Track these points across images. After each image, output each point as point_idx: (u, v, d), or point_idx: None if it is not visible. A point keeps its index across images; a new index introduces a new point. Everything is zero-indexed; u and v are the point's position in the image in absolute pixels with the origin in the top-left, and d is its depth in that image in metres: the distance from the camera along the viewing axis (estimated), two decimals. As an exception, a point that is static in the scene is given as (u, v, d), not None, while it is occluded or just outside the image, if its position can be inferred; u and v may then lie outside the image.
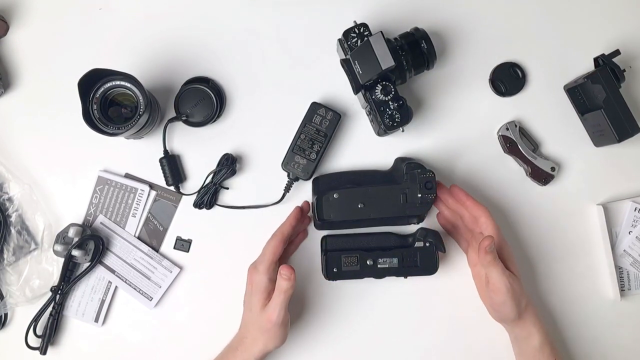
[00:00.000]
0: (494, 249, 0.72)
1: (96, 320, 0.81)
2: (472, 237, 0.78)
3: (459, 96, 0.83)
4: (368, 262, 0.77)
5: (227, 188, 0.82)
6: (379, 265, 0.77)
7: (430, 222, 0.82)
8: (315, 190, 0.80)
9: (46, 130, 0.82)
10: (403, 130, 0.76)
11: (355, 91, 0.75)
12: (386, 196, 0.75)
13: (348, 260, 0.78)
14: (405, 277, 0.78)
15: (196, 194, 0.81)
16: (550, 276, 0.82)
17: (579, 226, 0.83)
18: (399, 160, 0.80)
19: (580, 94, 0.81)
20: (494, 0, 0.84)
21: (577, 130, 0.83)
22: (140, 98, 0.74)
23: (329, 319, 0.82)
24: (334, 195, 0.76)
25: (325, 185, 0.80)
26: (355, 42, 0.75)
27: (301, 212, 0.80)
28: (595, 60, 0.80)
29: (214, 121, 0.81)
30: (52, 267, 0.81)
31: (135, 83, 0.74)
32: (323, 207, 0.76)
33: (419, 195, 0.74)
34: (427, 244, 0.78)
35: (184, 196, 0.82)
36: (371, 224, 0.80)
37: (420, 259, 0.78)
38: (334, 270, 0.78)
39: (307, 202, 0.82)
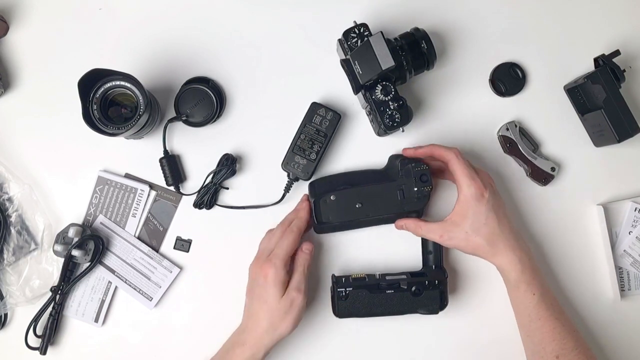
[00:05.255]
0: (405, 225, 0.77)
1: (96, 320, 0.81)
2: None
3: (459, 96, 0.83)
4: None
5: (227, 188, 0.82)
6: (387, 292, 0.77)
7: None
8: (312, 194, 0.80)
9: (46, 130, 0.82)
10: (403, 130, 0.76)
11: (355, 91, 0.75)
12: (383, 194, 0.76)
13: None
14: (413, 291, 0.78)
15: (196, 194, 0.81)
16: (550, 276, 0.82)
17: (579, 226, 0.83)
18: (393, 157, 0.80)
19: (580, 94, 0.81)
20: (494, 0, 0.84)
21: (577, 131, 0.83)
22: (140, 98, 0.74)
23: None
24: (331, 197, 0.76)
25: (321, 188, 0.79)
26: (355, 42, 0.75)
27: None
28: (595, 60, 0.80)
29: (214, 121, 0.81)
30: (52, 267, 0.81)
31: (135, 83, 0.74)
32: (321, 210, 0.76)
33: (415, 189, 0.74)
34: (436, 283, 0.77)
35: (184, 196, 0.82)
36: (370, 224, 0.80)
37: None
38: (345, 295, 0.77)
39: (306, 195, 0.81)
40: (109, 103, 0.76)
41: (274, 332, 0.73)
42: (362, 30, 0.75)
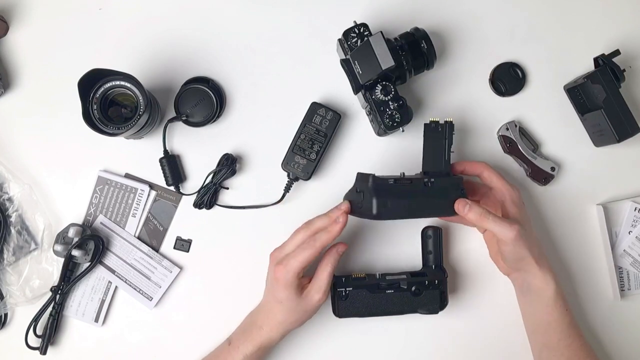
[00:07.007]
0: (470, 207, 0.70)
1: (96, 320, 0.81)
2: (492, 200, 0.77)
3: (459, 96, 0.83)
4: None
5: (227, 188, 0.82)
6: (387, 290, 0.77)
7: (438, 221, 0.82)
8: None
9: (46, 130, 0.82)
10: (403, 130, 0.76)
11: (355, 91, 0.75)
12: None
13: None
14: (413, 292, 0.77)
15: (196, 194, 0.81)
16: (550, 276, 0.82)
17: (579, 226, 0.83)
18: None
19: (580, 94, 0.81)
20: (494, 0, 0.84)
21: (577, 130, 0.83)
22: (140, 98, 0.74)
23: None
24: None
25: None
26: (355, 42, 0.75)
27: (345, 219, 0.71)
28: (595, 60, 0.80)
29: (214, 121, 0.81)
30: (52, 267, 0.81)
31: (135, 83, 0.74)
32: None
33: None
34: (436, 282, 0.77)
35: (184, 196, 0.82)
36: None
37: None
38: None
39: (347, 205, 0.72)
40: (109, 103, 0.76)
41: (289, 325, 0.74)
42: (362, 30, 0.75)
